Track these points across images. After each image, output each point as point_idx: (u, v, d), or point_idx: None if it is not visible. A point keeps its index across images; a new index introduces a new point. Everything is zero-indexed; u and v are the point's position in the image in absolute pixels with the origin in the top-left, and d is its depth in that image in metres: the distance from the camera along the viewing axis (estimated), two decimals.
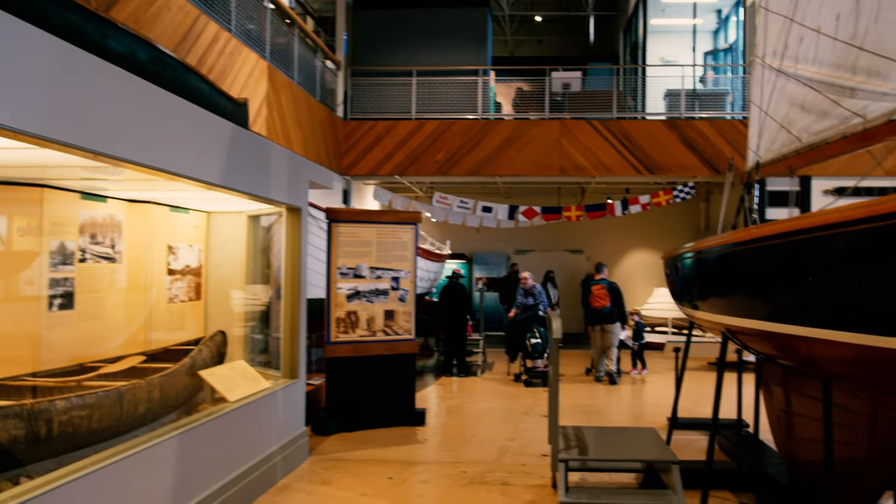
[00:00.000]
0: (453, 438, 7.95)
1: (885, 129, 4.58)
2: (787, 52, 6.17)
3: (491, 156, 14.58)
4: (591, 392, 11.00)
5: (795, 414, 5.71)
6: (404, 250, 8.46)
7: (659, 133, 14.47)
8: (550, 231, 18.77)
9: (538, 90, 15.51)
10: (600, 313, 11.71)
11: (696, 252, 5.47)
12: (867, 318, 3.39)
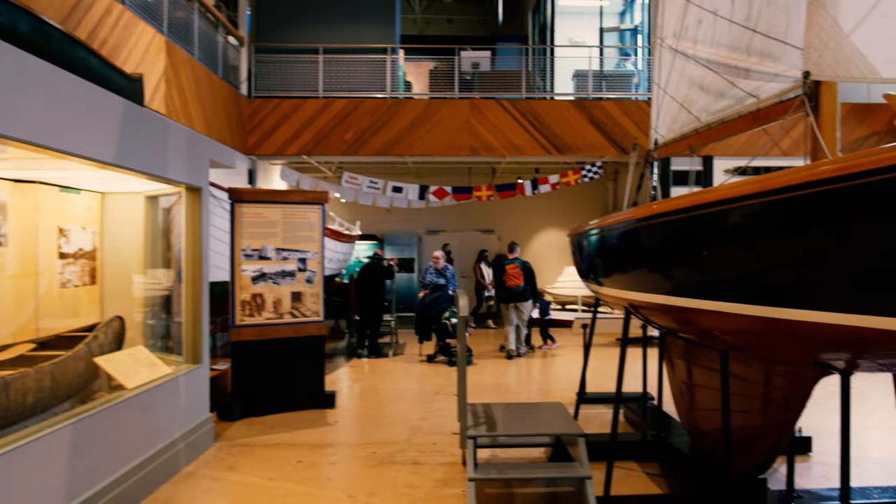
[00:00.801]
0: (364, 420, 7.87)
1: (777, 108, 4.73)
2: (686, 33, 6.31)
3: (401, 135, 14.45)
4: (503, 370, 11.11)
5: (696, 385, 5.90)
6: (311, 231, 8.26)
7: (567, 113, 14.67)
8: (462, 211, 18.84)
9: (448, 69, 15.45)
10: (514, 292, 11.84)
11: (599, 229, 5.54)
12: (759, 290, 3.49)
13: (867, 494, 5.13)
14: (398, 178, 16.82)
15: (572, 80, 15.79)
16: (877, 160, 2.62)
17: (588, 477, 4.59)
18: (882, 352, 3.25)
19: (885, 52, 3.71)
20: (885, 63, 3.70)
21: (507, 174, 18.36)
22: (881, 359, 3.43)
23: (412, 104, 14.73)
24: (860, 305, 2.98)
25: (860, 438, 6.87)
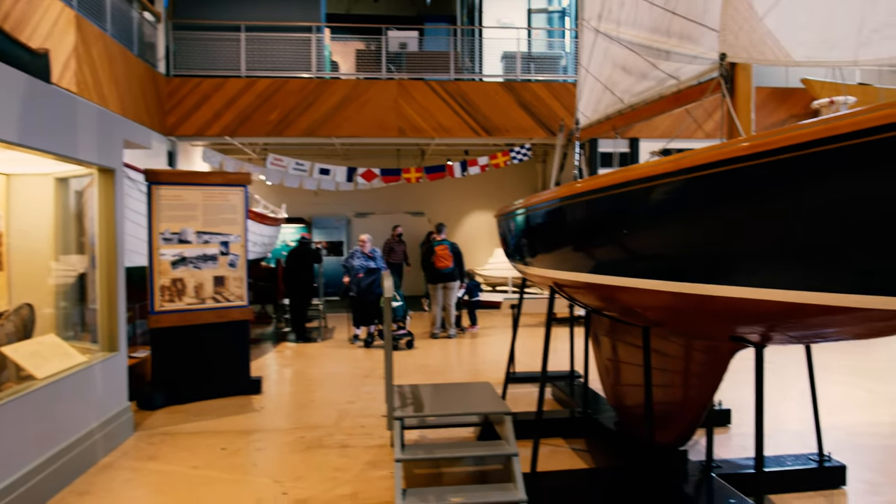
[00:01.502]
0: (291, 405, 7.76)
1: (696, 90, 4.82)
2: (610, 15, 6.36)
3: (327, 116, 14.21)
4: (434, 351, 11.13)
5: (620, 362, 6.02)
6: (233, 213, 8.05)
7: (496, 95, 14.69)
8: (391, 193, 18.69)
9: (375, 49, 15.25)
10: (443, 273, 11.86)
11: (525, 209, 5.57)
12: (676, 267, 3.56)
13: (781, 462, 5.34)
14: (326, 159, 16.58)
15: (501, 61, 15.81)
16: (781, 139, 2.68)
17: (515, 454, 4.63)
18: (792, 324, 3.36)
19: (796, 35, 3.80)
20: (797, 46, 3.80)
21: (436, 156, 18.31)
22: (792, 331, 3.55)
23: (339, 84, 14.49)
24: (772, 280, 3.07)
25: (777, 411, 7.14)
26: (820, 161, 2.58)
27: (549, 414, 6.85)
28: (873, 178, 2.47)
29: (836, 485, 5.20)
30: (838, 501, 4.98)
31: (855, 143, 2.44)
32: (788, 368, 8.99)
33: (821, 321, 3.15)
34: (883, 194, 2.46)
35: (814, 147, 2.57)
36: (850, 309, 2.86)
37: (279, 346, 11.83)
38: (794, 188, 2.75)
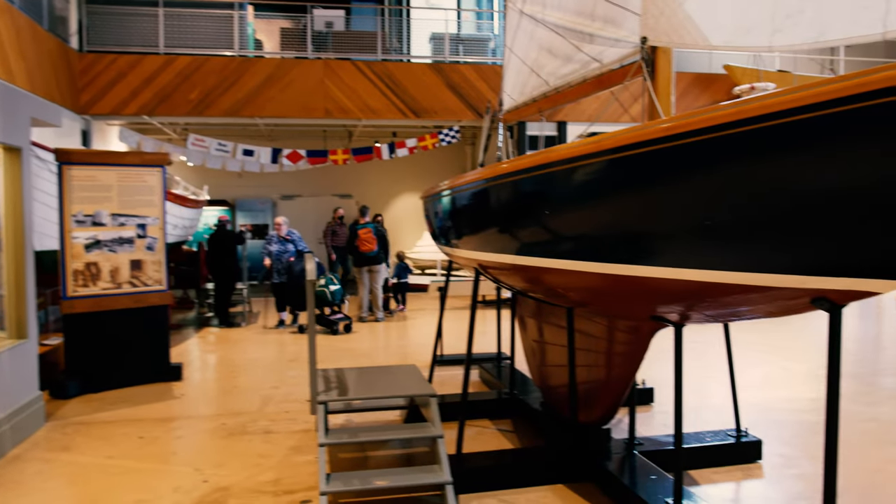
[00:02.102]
0: (213, 391, 7.58)
1: (619, 73, 4.87)
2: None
3: (251, 96, 13.84)
4: (362, 335, 11.05)
5: (546, 343, 6.09)
6: (151, 195, 7.76)
7: (424, 76, 14.58)
8: (318, 175, 18.42)
9: (300, 28, 14.92)
10: (367, 256, 11.76)
11: (450, 190, 5.54)
12: (598, 248, 3.60)
13: (701, 438, 5.50)
14: (249, 140, 16.15)
15: (429, 42, 15.70)
16: (693, 122, 2.72)
17: (440, 436, 4.62)
18: (709, 303, 3.44)
19: (713, 20, 3.88)
20: (714, 31, 3.87)
21: (364, 137, 18.10)
22: (708, 310, 3.64)
23: (262, 63, 14.13)
24: (689, 260, 3.13)
25: (701, 389, 7.34)
26: (731, 143, 2.63)
27: (475, 396, 6.89)
28: (779, 161, 2.54)
29: (753, 459, 5.38)
30: (754, 475, 5.16)
31: (762, 126, 2.50)
32: (712, 348, 9.28)
33: (735, 300, 3.23)
34: (788, 177, 2.53)
35: (724, 130, 2.62)
36: (761, 288, 2.94)
37: (202, 332, 11.53)
38: (706, 170, 2.80)
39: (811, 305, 2.95)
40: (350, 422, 6.36)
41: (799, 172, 2.51)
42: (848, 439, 5.73)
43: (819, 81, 2.34)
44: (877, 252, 2.58)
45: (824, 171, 2.44)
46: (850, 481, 4.85)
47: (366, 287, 12.07)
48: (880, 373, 8.23)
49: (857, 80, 2.24)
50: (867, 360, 9.05)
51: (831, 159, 2.41)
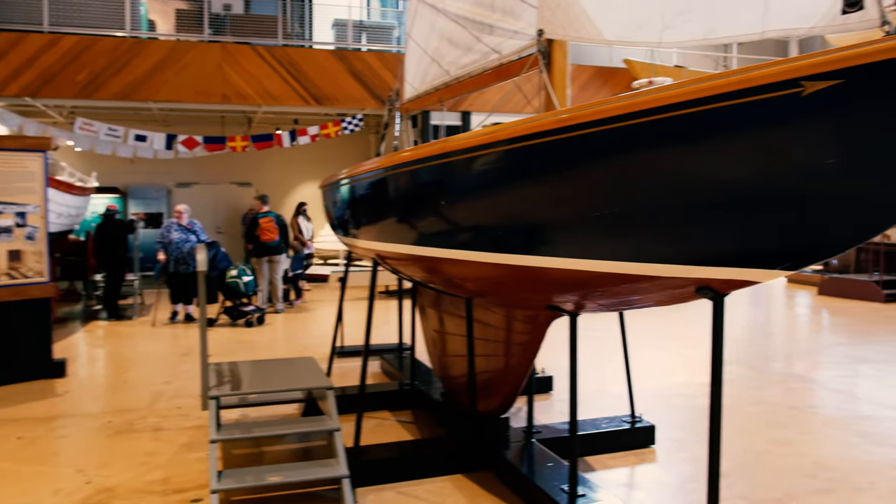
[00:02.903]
0: (100, 388, 7.23)
1: (517, 64, 4.90)
2: None
3: (143, 79, 13.23)
4: (261, 326, 10.79)
5: (446, 333, 6.10)
6: (31, 181, 7.28)
7: (327, 63, 14.33)
8: (216, 162, 17.79)
9: (197, 9, 14.38)
10: (269, 246, 11.49)
11: (349, 179, 5.46)
12: (494, 239, 3.62)
13: (597, 425, 5.64)
14: (142, 125, 15.44)
15: (332, 29, 15.44)
16: (585, 114, 2.76)
17: (336, 429, 4.54)
18: (602, 292, 3.52)
19: (608, 15, 3.94)
20: (608, 26, 3.94)
21: (264, 124, 17.64)
22: (601, 299, 3.72)
23: (156, 45, 13.54)
24: (583, 251, 3.18)
25: (600, 376, 7.51)
26: (616, 136, 2.69)
27: (375, 387, 6.85)
28: (661, 154, 2.62)
29: (647, 444, 5.56)
30: (648, 459, 5.33)
31: (645, 120, 2.56)
32: (613, 336, 9.52)
33: (625, 289, 3.32)
34: (670, 170, 2.61)
35: (610, 123, 2.67)
36: (649, 277, 3.03)
37: (89, 326, 10.98)
38: (593, 162, 2.86)
39: (696, 294, 3.05)
40: (245, 416, 6.19)
41: (680, 166, 2.59)
42: (737, 422, 6.02)
43: (695, 79, 2.41)
44: (756, 243, 2.69)
45: (702, 165, 2.53)
46: (737, 462, 5.10)
47: (265, 278, 11.79)
48: (769, 358, 8.69)
49: (729, 79, 2.32)
50: (757, 346, 9.54)
51: (708, 154, 2.49)
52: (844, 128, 2.26)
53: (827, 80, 2.19)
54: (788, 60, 2.28)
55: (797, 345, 9.80)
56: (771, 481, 4.79)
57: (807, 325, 11.71)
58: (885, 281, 13.09)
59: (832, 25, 2.62)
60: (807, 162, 2.36)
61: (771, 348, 9.46)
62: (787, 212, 2.52)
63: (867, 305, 12.54)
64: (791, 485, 4.72)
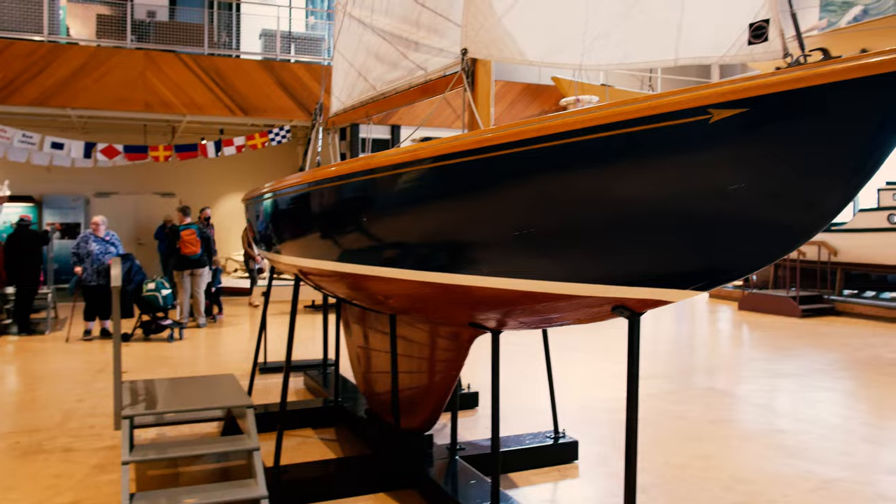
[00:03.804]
0: (7, 406, 6.90)
1: (442, 82, 4.93)
2: (364, 1, 6.32)
3: (62, 85, 12.77)
4: (182, 341, 10.49)
5: (370, 349, 6.05)
6: None
7: (254, 73, 14.13)
8: (137, 172, 17.24)
9: (120, 15, 13.98)
10: (190, 259, 11.19)
11: (272, 193, 5.37)
12: (414, 256, 3.62)
13: (521, 441, 5.67)
14: (60, 132, 14.89)
15: (260, 39, 15.24)
16: (504, 135, 2.80)
17: (255, 449, 4.44)
18: (522, 311, 3.55)
19: (530, 37, 4.00)
20: (531, 47, 4.00)
21: (188, 134, 17.22)
22: (522, 317, 3.76)
23: (76, 51, 13.10)
24: (503, 269, 3.21)
25: (527, 391, 7.52)
26: (532, 158, 2.74)
27: (298, 404, 6.74)
28: (574, 176, 2.68)
29: (570, 459, 5.60)
30: (571, 474, 5.38)
31: (561, 143, 2.61)
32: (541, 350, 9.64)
33: (545, 307, 3.36)
34: (584, 191, 2.67)
35: (526, 145, 2.72)
36: (567, 296, 3.08)
37: None
38: (511, 183, 2.90)
39: (613, 313, 3.12)
40: (162, 435, 6.00)
41: (593, 188, 2.65)
42: (658, 436, 6.15)
43: (608, 104, 2.47)
44: (668, 264, 2.77)
45: (615, 188, 2.60)
46: (657, 476, 5.20)
47: (186, 291, 11.47)
48: (691, 372, 8.91)
49: (640, 105, 2.39)
50: (679, 360, 9.78)
51: (620, 177, 2.56)
52: (749, 154, 2.35)
53: (732, 109, 2.28)
54: (696, 89, 2.36)
55: (718, 359, 10.11)
56: (689, 495, 4.91)
57: (728, 339, 12.09)
58: (801, 296, 13.64)
59: (740, 54, 2.73)
60: (714, 186, 2.45)
61: (693, 363, 9.73)
62: (698, 234, 2.61)
63: (785, 320, 13.04)
64: (709, 498, 4.84)
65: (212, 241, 11.74)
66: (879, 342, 10.67)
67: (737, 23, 2.70)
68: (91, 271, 10.31)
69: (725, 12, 2.76)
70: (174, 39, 14.09)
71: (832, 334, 11.51)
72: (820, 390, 7.80)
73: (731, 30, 2.72)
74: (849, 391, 7.97)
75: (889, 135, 2.21)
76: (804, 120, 2.21)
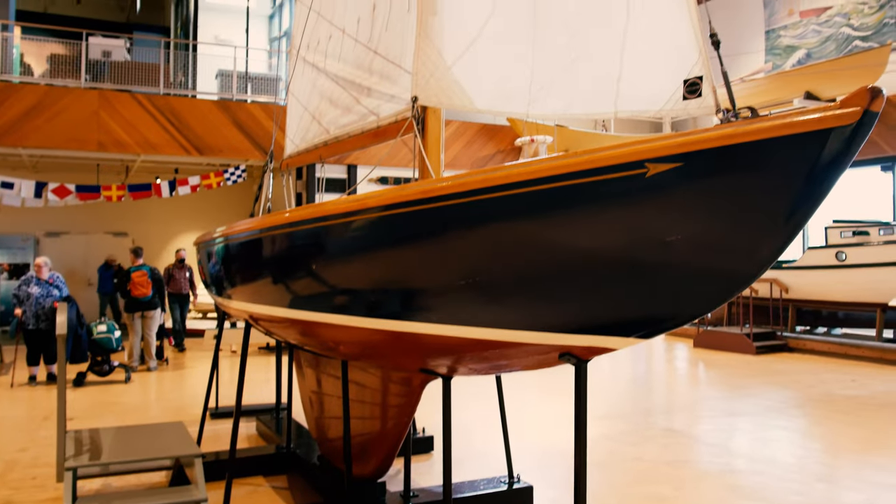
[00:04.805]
0: None
1: (394, 127, 4.97)
2: (318, 46, 6.38)
3: (13, 124, 12.57)
4: (130, 386, 10.22)
5: (323, 394, 5.97)
6: None
7: (210, 113, 14.09)
8: (89, 211, 16.93)
9: (74, 54, 13.87)
10: (141, 301, 10.97)
11: (224, 238, 5.32)
12: (363, 304, 3.61)
13: (475, 487, 5.59)
14: (10, 171, 14.65)
15: (216, 79, 15.23)
16: (448, 186, 2.83)
17: (203, 500, 4.33)
18: (471, 357, 3.56)
19: (479, 85, 4.08)
20: (479, 95, 4.08)
21: (143, 172, 17.02)
22: (472, 364, 3.76)
23: (28, 90, 12.93)
24: (451, 317, 3.22)
25: (487, 434, 7.38)
26: (475, 209, 2.77)
27: (249, 451, 6.61)
28: (518, 227, 2.72)
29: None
30: None
31: (505, 194, 2.65)
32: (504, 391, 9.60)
33: (493, 354, 3.37)
34: (529, 242, 2.71)
35: (474, 196, 2.75)
36: (515, 344, 3.10)
37: None
38: (457, 232, 2.93)
39: (560, 360, 3.15)
40: (108, 486, 5.81)
41: (536, 239, 2.69)
42: (613, 479, 6.14)
43: (550, 158, 2.52)
44: (611, 312, 2.81)
45: (557, 239, 2.64)
46: None
47: (137, 334, 11.22)
48: (647, 413, 8.91)
49: (581, 158, 2.44)
50: (636, 400, 9.81)
51: (562, 228, 2.61)
52: (685, 206, 2.42)
53: (668, 163, 2.34)
54: (634, 143, 2.43)
55: (675, 398, 10.18)
56: None
57: (684, 378, 12.19)
58: (755, 334, 13.87)
59: (676, 109, 2.81)
60: (653, 237, 2.50)
61: (650, 402, 9.76)
62: (639, 283, 2.65)
63: (740, 357, 13.23)
64: None
65: (192, 278, 11.83)
66: (831, 378, 10.88)
67: (673, 78, 2.79)
68: (31, 314, 10.00)
69: (662, 68, 2.86)
70: (130, 79, 14.00)
71: (786, 371, 11.70)
72: (775, 429, 7.89)
73: (668, 85, 2.81)
74: (803, 430, 8.08)
75: (816, 187, 2.29)
76: (735, 174, 2.28)
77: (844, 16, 15.06)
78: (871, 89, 2.09)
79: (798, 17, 15.94)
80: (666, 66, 2.82)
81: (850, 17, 14.98)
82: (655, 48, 2.95)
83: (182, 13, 18.59)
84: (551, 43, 3.64)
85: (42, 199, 12.87)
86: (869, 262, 12.63)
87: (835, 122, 2.12)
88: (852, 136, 2.13)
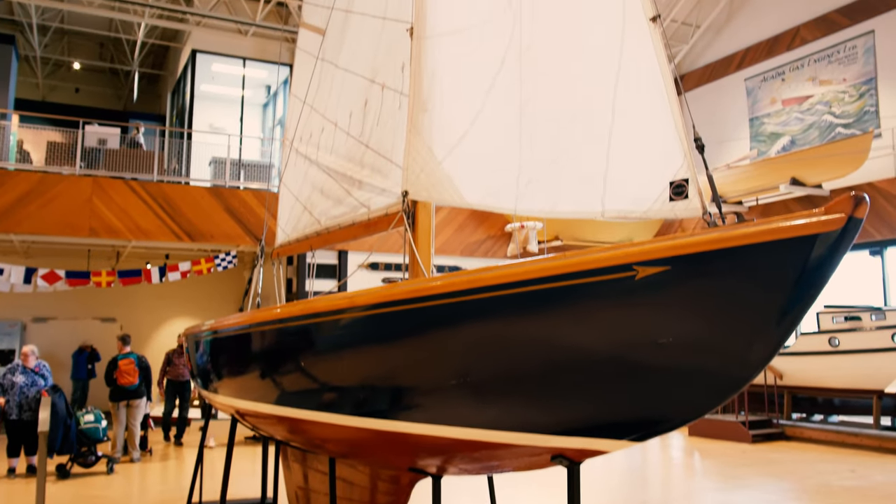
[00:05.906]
0: None
1: (384, 220, 5.01)
2: (311, 138, 6.50)
3: (7, 210, 12.60)
4: (115, 478, 9.91)
5: (311, 490, 5.80)
6: None
7: (202, 200, 14.18)
8: (78, 296, 16.81)
9: (70, 142, 14.07)
10: (127, 390, 10.75)
11: (212, 332, 5.27)
12: (352, 402, 3.55)
13: None
14: (1, 257, 14.59)
15: (209, 165, 15.43)
16: (437, 287, 2.82)
17: None
18: (461, 457, 3.47)
19: (469, 181, 4.13)
20: (469, 191, 4.12)
21: (133, 258, 17.01)
22: (462, 464, 3.67)
23: (23, 177, 13.02)
24: (441, 417, 3.16)
25: None
26: (467, 309, 2.75)
27: None
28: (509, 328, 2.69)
29: None
30: None
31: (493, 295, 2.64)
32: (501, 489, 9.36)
33: (483, 455, 3.29)
34: (519, 343, 2.68)
35: (462, 296, 2.74)
36: (505, 445, 3.03)
37: None
38: (447, 332, 2.90)
39: (552, 462, 3.07)
40: None
41: (525, 340, 2.66)
42: None
43: (541, 259, 2.52)
44: (603, 415, 2.75)
45: (547, 340, 2.61)
46: None
47: (122, 424, 10.93)
48: None
49: (571, 261, 2.44)
50: (634, 493, 9.55)
51: (552, 329, 2.58)
52: (674, 309, 2.41)
53: (656, 267, 2.34)
54: (623, 246, 2.43)
55: (671, 491, 9.92)
56: None
57: (680, 469, 11.93)
58: (751, 421, 13.64)
59: (662, 210, 2.84)
60: (643, 339, 2.48)
61: (645, 495, 9.52)
62: (632, 384, 2.62)
63: (736, 446, 12.97)
64: None
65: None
66: (828, 469, 10.66)
67: (659, 180, 2.83)
68: (14, 404, 9.77)
69: (649, 169, 2.90)
70: (123, 166, 14.16)
71: (782, 461, 11.47)
72: None
73: (655, 186, 2.85)
74: None
75: (804, 291, 2.29)
76: (723, 279, 2.28)
77: (826, 104, 15.48)
78: (854, 196, 2.11)
79: (781, 106, 16.36)
80: (652, 167, 2.86)
81: (831, 105, 15.39)
82: (641, 149, 3.01)
83: (178, 102, 18.99)
84: (539, 140, 3.71)
85: (31, 285, 12.80)
86: (862, 347, 12.56)
87: (820, 228, 2.13)
88: (837, 241, 2.15)
